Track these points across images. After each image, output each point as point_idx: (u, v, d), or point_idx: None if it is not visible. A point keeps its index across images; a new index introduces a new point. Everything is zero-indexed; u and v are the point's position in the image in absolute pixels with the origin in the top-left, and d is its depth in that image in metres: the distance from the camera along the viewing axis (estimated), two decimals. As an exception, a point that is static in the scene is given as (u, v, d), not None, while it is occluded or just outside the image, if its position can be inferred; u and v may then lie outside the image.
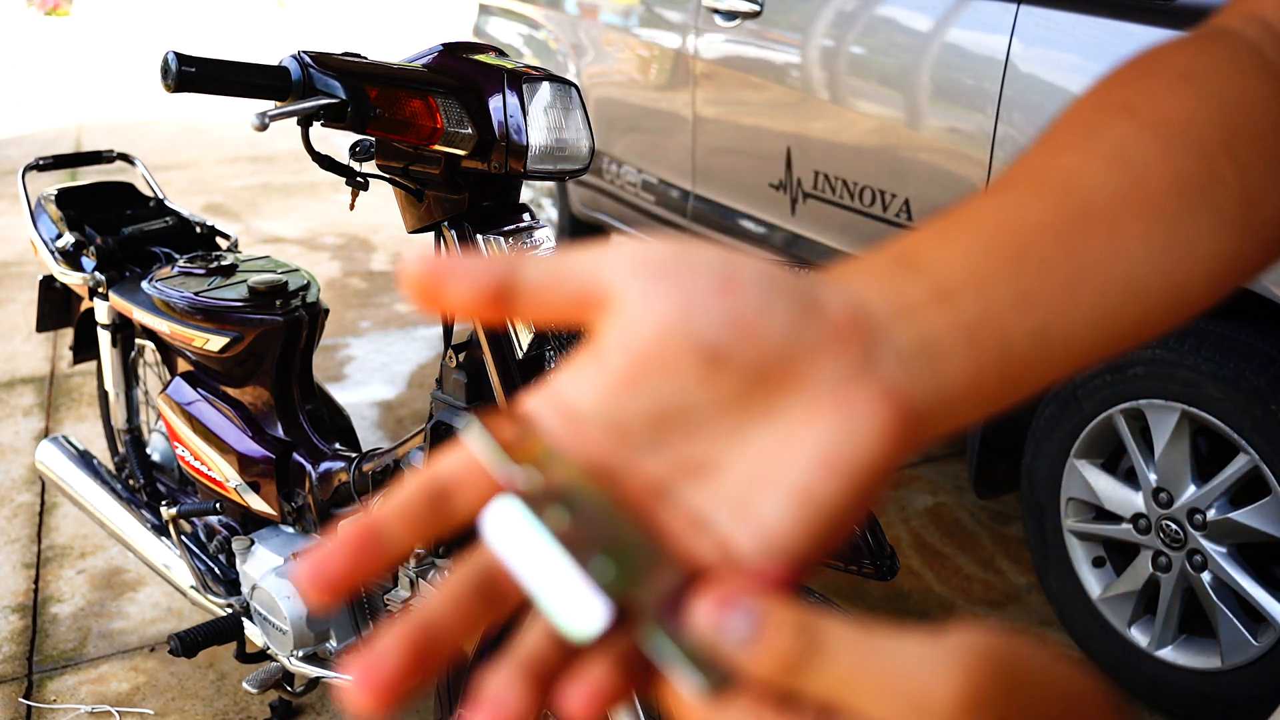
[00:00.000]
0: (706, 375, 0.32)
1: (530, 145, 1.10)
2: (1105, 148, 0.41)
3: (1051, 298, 0.37)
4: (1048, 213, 0.38)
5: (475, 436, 0.32)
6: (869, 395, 0.32)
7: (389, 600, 1.53)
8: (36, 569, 2.35)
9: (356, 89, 0.96)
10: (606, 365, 0.33)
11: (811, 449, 0.32)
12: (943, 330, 0.34)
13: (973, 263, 0.37)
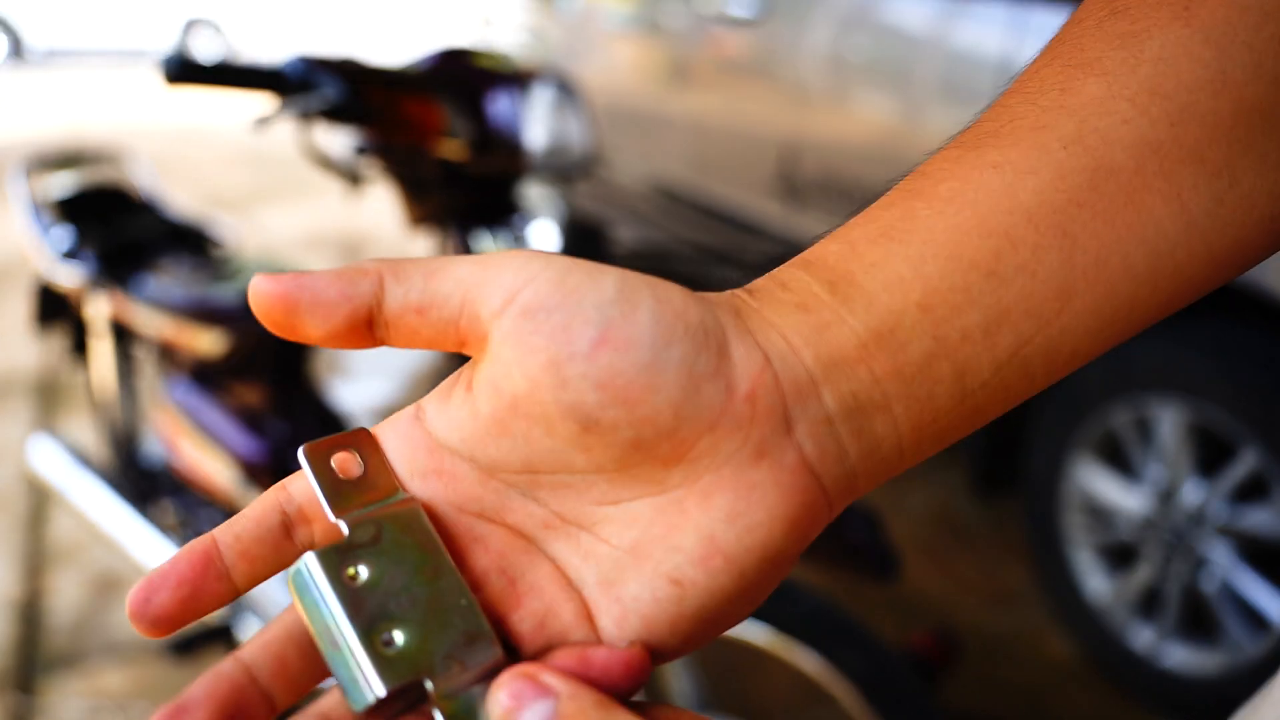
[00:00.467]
0: (579, 438, 0.28)
1: (530, 146, 1.10)
2: (1143, 70, 0.31)
3: (1037, 309, 0.30)
4: (1045, 184, 0.30)
5: (305, 468, 0.29)
6: (771, 481, 0.29)
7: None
8: (35, 569, 2.34)
9: (356, 89, 0.96)
10: (476, 404, 0.30)
11: (695, 535, 0.29)
12: (882, 378, 0.30)
13: (927, 281, 0.30)
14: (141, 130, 7.59)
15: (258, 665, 0.28)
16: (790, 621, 1.11)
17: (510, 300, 0.28)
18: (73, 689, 1.97)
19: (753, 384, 0.28)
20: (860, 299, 0.30)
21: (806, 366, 0.29)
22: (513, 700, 0.25)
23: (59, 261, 2.04)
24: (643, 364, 0.28)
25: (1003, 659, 2.04)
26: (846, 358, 0.29)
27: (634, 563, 0.29)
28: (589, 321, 0.28)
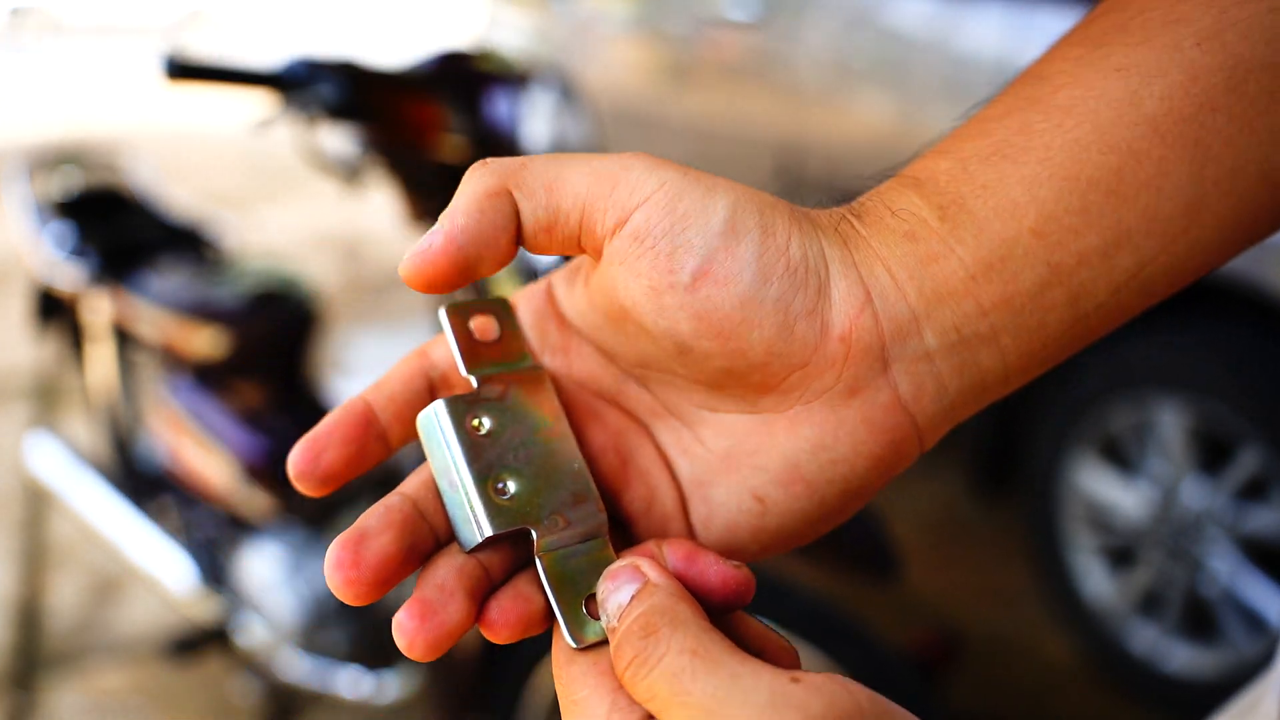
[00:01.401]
0: (676, 356, 0.30)
1: (530, 146, 1.10)
2: None
3: (1162, 227, 0.28)
4: (1175, 89, 0.28)
5: (445, 326, 0.32)
6: (860, 418, 0.29)
7: (388, 600, 1.53)
8: (34, 569, 2.34)
9: (357, 89, 0.96)
10: (594, 299, 0.31)
11: (780, 459, 0.30)
12: (990, 310, 0.28)
13: (1042, 205, 0.28)
14: (141, 130, 7.59)
15: (421, 499, 0.30)
16: (790, 621, 1.11)
17: (621, 222, 0.29)
18: (73, 689, 1.97)
19: (849, 324, 0.28)
20: (970, 226, 0.29)
21: (910, 304, 0.29)
22: (611, 579, 0.27)
23: (58, 262, 2.04)
24: (739, 300, 0.28)
25: (1003, 659, 2.04)
26: (953, 291, 0.28)
27: (724, 470, 0.31)
28: (692, 252, 0.28)
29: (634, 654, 0.25)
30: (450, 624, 0.27)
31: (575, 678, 0.27)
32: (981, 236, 0.28)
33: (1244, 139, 0.27)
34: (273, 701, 1.85)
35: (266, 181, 6.08)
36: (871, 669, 1.08)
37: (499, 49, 1.10)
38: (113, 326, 2.04)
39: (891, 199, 0.30)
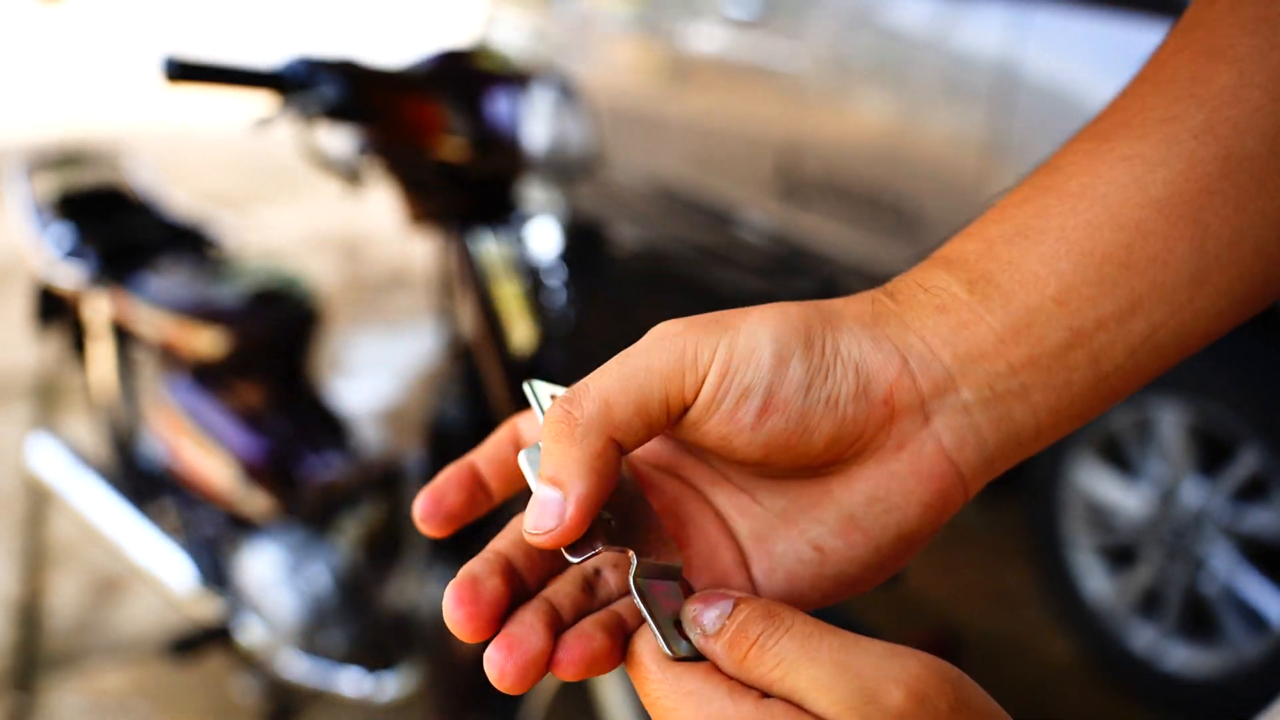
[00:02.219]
0: (745, 468, 0.34)
1: (530, 146, 1.10)
2: (1275, 56, 0.31)
3: (1170, 295, 0.31)
4: (1176, 175, 0.31)
5: (532, 400, 0.37)
6: (909, 470, 0.33)
7: (389, 600, 1.53)
8: (35, 569, 2.34)
9: (356, 89, 0.96)
10: None
11: (836, 513, 0.33)
12: (1020, 369, 0.32)
13: (1062, 277, 0.32)
14: (141, 130, 7.59)
15: (511, 554, 0.34)
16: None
17: (690, 401, 0.32)
18: (73, 689, 1.97)
19: (890, 388, 0.32)
20: (998, 297, 0.32)
21: (944, 364, 0.32)
22: (702, 600, 0.30)
23: (59, 261, 2.04)
24: (799, 416, 0.32)
25: (1003, 659, 2.04)
26: (985, 353, 0.32)
27: (783, 526, 0.34)
28: (753, 396, 0.32)
29: (760, 630, 0.29)
30: (534, 653, 0.30)
31: (679, 676, 0.30)
32: (1009, 305, 0.32)
33: (1239, 219, 0.31)
34: (273, 701, 1.85)
35: (266, 181, 6.08)
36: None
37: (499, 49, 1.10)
38: (113, 326, 2.04)
39: (923, 278, 0.34)
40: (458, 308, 1.30)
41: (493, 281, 1.16)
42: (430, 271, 4.44)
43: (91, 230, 2.05)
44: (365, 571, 1.65)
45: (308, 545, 1.73)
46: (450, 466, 0.38)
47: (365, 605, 1.69)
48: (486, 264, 1.16)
